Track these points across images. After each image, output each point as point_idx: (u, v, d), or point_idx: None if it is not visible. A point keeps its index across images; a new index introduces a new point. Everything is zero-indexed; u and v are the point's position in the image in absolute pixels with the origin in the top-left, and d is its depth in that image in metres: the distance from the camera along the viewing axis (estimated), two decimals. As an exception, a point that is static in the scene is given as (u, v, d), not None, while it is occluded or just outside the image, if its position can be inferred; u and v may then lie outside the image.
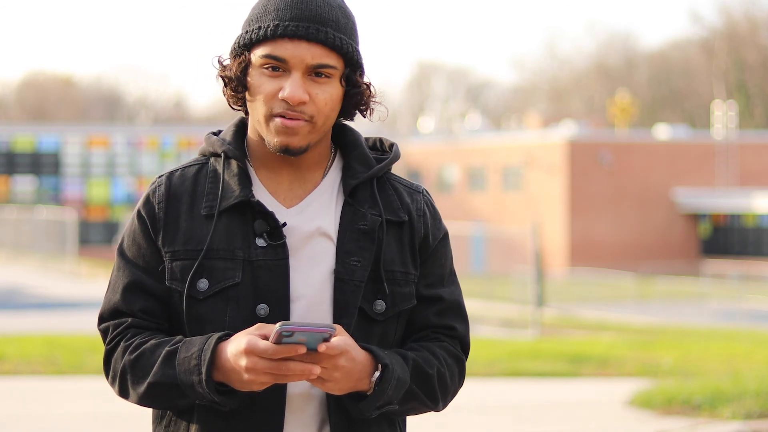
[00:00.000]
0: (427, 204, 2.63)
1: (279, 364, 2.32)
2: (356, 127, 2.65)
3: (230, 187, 2.52)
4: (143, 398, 2.49)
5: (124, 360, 2.49)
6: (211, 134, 2.63)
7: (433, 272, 2.60)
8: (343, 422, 2.50)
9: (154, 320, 2.53)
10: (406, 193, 2.62)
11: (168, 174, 2.59)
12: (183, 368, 2.41)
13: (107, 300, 2.57)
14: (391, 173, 2.64)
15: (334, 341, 2.33)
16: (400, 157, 2.64)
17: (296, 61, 2.44)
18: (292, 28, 2.43)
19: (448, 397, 2.59)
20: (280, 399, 2.47)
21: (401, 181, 2.64)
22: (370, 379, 2.42)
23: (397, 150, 2.64)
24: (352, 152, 2.59)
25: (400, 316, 2.56)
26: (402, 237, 2.57)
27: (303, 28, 2.43)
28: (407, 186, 2.64)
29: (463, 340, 2.63)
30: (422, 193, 2.64)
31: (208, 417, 2.49)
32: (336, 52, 2.46)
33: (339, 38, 2.45)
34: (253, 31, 2.47)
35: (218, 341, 2.40)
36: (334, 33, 2.45)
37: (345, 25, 2.48)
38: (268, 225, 2.49)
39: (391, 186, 2.61)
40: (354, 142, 2.60)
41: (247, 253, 2.49)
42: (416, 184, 2.66)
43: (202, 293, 2.48)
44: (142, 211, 2.55)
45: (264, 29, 2.45)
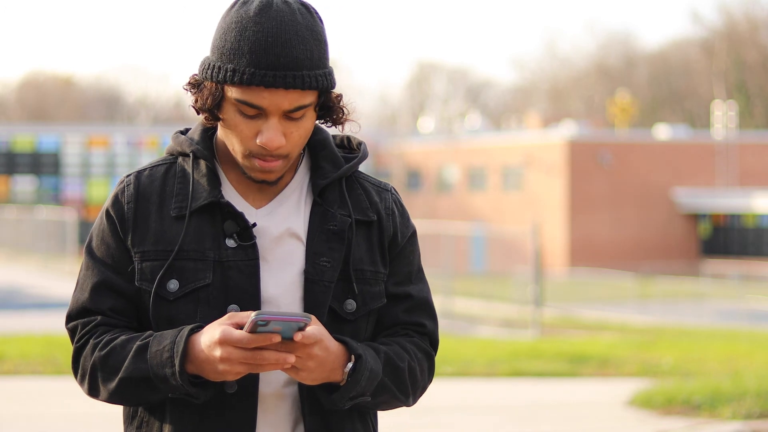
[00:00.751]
0: (395, 202, 2.63)
1: (254, 354, 2.32)
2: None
3: (200, 187, 2.52)
4: (114, 395, 2.47)
5: (93, 357, 2.48)
6: (178, 133, 2.63)
7: (401, 270, 2.60)
8: (317, 421, 2.50)
9: (124, 319, 2.53)
10: (375, 192, 2.62)
11: (136, 173, 2.58)
12: (155, 361, 2.40)
13: (75, 299, 2.55)
14: (359, 172, 2.64)
15: (309, 330, 2.34)
16: (367, 156, 2.64)
17: (273, 108, 2.42)
18: (269, 78, 2.39)
19: (418, 392, 2.59)
20: (252, 399, 2.47)
21: (369, 180, 2.64)
22: (343, 370, 2.43)
23: (365, 149, 2.64)
24: (321, 152, 2.58)
25: (370, 314, 2.56)
26: (371, 236, 2.57)
27: (280, 77, 2.39)
28: (375, 185, 2.64)
29: (432, 336, 2.63)
30: (390, 192, 2.64)
31: (182, 416, 2.49)
32: (312, 90, 2.44)
33: (314, 77, 2.43)
34: (227, 72, 2.42)
35: (190, 333, 2.40)
36: (309, 73, 2.42)
37: (318, 53, 2.44)
38: (237, 226, 2.49)
39: (359, 185, 2.61)
40: (323, 141, 2.59)
41: (217, 254, 2.48)
42: (384, 183, 2.66)
43: (172, 294, 2.48)
44: (111, 211, 2.54)
45: (239, 74, 2.40)
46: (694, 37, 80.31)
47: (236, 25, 2.44)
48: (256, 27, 2.41)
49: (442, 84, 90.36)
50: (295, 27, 2.42)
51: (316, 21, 2.47)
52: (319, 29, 2.47)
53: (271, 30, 2.41)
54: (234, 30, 2.44)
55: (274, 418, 2.50)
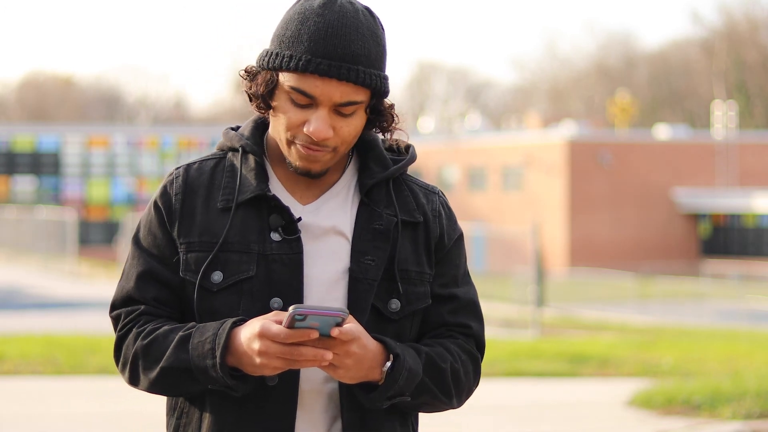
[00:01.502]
0: (442, 205, 2.65)
1: (291, 349, 2.33)
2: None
3: (247, 181, 2.54)
4: (154, 384, 2.49)
5: (136, 345, 2.50)
6: (229, 129, 2.64)
7: (448, 272, 2.61)
8: (355, 419, 2.50)
9: (167, 309, 2.55)
10: (422, 194, 2.63)
11: (185, 166, 2.61)
12: (197, 352, 2.42)
13: (120, 288, 2.58)
14: (408, 175, 2.65)
15: (347, 327, 2.35)
16: (416, 158, 2.65)
17: (324, 99, 2.44)
18: (324, 66, 2.42)
19: (463, 394, 2.59)
20: (292, 393, 2.48)
21: (417, 182, 2.66)
22: (381, 369, 2.43)
23: (413, 151, 2.65)
24: (369, 153, 2.60)
25: (414, 315, 2.57)
26: (417, 237, 2.58)
27: (335, 67, 2.42)
28: (423, 187, 2.65)
29: (479, 338, 2.63)
30: (438, 194, 2.66)
31: (221, 408, 2.50)
32: (365, 87, 2.46)
33: (369, 75, 2.45)
34: (284, 58, 2.45)
35: (233, 326, 2.42)
36: (365, 70, 2.45)
37: (376, 54, 2.48)
38: (283, 219, 2.51)
39: (407, 187, 2.62)
40: (371, 143, 2.61)
41: (261, 247, 2.50)
42: (432, 186, 2.67)
43: (216, 285, 2.49)
44: (159, 202, 2.56)
45: (295, 61, 2.43)
46: (694, 37, 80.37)
47: (299, 16, 2.48)
48: (317, 18, 2.45)
49: (442, 84, 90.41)
50: (356, 24, 2.46)
51: (378, 26, 2.52)
52: (380, 34, 2.52)
53: (332, 22, 2.45)
54: (296, 20, 2.48)
55: (312, 414, 2.51)
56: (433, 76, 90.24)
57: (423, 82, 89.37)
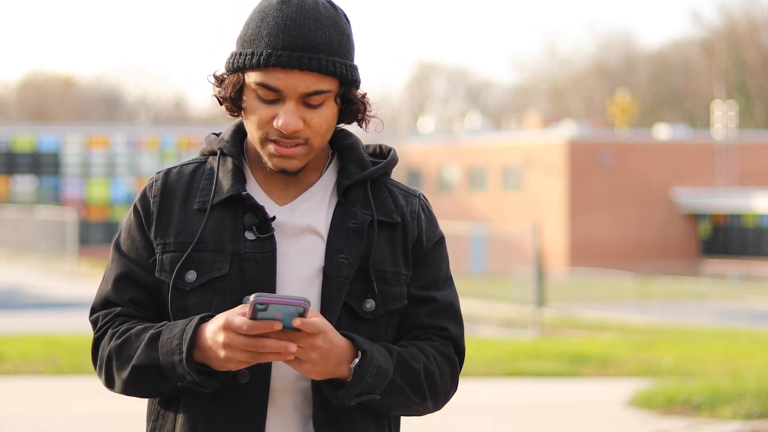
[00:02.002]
0: (422, 207, 2.64)
1: (255, 341, 2.33)
2: (358, 129, 2.66)
3: (223, 182, 2.56)
4: (127, 384, 2.50)
5: (110, 346, 2.52)
6: (211, 134, 2.66)
7: (427, 275, 2.60)
8: (326, 417, 2.50)
9: (144, 311, 2.56)
10: (402, 196, 2.63)
11: (166, 170, 2.63)
12: (165, 349, 2.43)
13: (99, 291, 2.61)
14: (389, 178, 2.65)
15: (312, 320, 2.34)
16: (397, 161, 2.65)
17: (290, 91, 2.45)
18: (284, 58, 2.43)
19: (440, 397, 2.57)
20: (264, 391, 2.48)
21: (398, 185, 2.66)
22: (349, 366, 2.43)
23: (394, 154, 2.65)
24: (348, 154, 2.61)
25: (390, 316, 2.56)
26: (394, 238, 2.58)
27: (295, 58, 2.43)
28: (403, 190, 2.65)
29: (457, 342, 2.61)
30: (418, 197, 2.65)
31: (193, 408, 2.51)
32: (330, 76, 2.47)
33: (332, 62, 2.46)
34: (246, 56, 2.47)
35: (200, 322, 2.43)
36: (327, 58, 2.46)
37: (339, 43, 2.48)
38: (257, 218, 2.52)
39: (386, 189, 2.62)
40: (351, 145, 2.62)
41: (235, 246, 2.51)
42: (413, 189, 2.67)
43: (189, 284, 2.51)
44: (138, 205, 2.60)
45: (257, 56, 2.46)
46: (694, 37, 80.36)
47: (258, 15, 2.51)
48: (276, 14, 2.48)
49: (442, 84, 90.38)
50: (315, 15, 2.48)
51: (340, 16, 2.53)
52: (343, 24, 2.52)
53: (290, 15, 2.47)
54: (256, 19, 2.51)
55: (284, 412, 2.51)
56: (433, 76, 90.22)
57: (423, 82, 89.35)
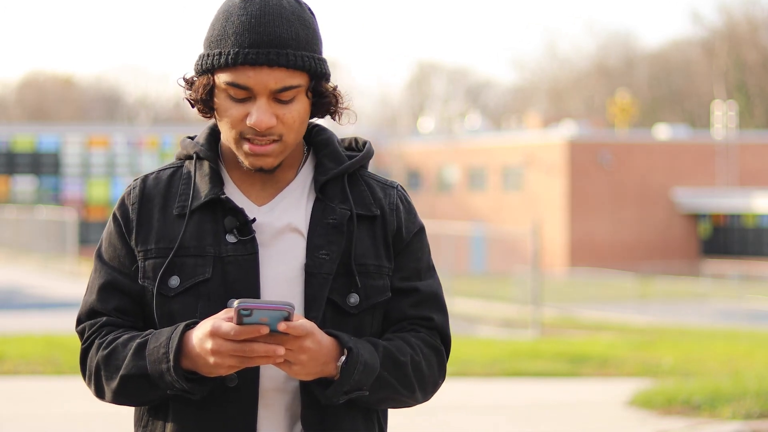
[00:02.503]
0: (401, 198, 2.64)
1: (243, 346, 2.33)
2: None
3: (201, 186, 2.55)
4: (116, 394, 2.50)
5: (98, 356, 2.51)
6: (186, 138, 2.67)
7: (408, 265, 2.60)
8: (315, 416, 2.50)
9: (129, 319, 2.56)
10: (379, 188, 2.63)
11: (143, 177, 2.63)
12: (152, 358, 2.43)
13: (84, 301, 2.60)
14: (366, 171, 2.66)
15: (299, 322, 2.35)
16: (373, 154, 2.65)
17: (260, 88, 2.45)
18: (252, 56, 2.43)
19: (428, 388, 2.58)
20: (253, 393, 2.48)
21: (375, 178, 2.66)
22: (336, 364, 2.43)
23: (369, 147, 2.65)
24: (323, 150, 2.61)
25: (375, 309, 2.56)
26: (374, 231, 2.58)
27: (263, 54, 2.43)
28: (381, 182, 2.65)
29: (442, 330, 2.62)
30: (396, 189, 2.65)
31: (183, 414, 2.50)
32: (299, 70, 2.47)
33: (300, 57, 2.46)
34: (214, 56, 2.47)
35: (186, 329, 2.43)
36: (295, 53, 2.45)
37: (305, 37, 2.48)
38: (237, 221, 2.52)
39: (363, 182, 2.62)
40: (326, 140, 2.62)
41: (217, 250, 2.51)
42: (390, 180, 2.67)
43: (173, 290, 2.50)
44: (117, 213, 2.59)
45: (224, 56, 2.46)
46: (694, 37, 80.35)
47: (223, 15, 2.51)
48: (240, 12, 2.48)
49: (442, 84, 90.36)
50: (279, 11, 2.48)
51: (305, 10, 2.52)
52: (308, 18, 2.51)
53: (254, 12, 2.47)
54: (221, 19, 2.51)
55: (274, 413, 2.51)
56: (433, 76, 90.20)
57: (423, 82, 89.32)
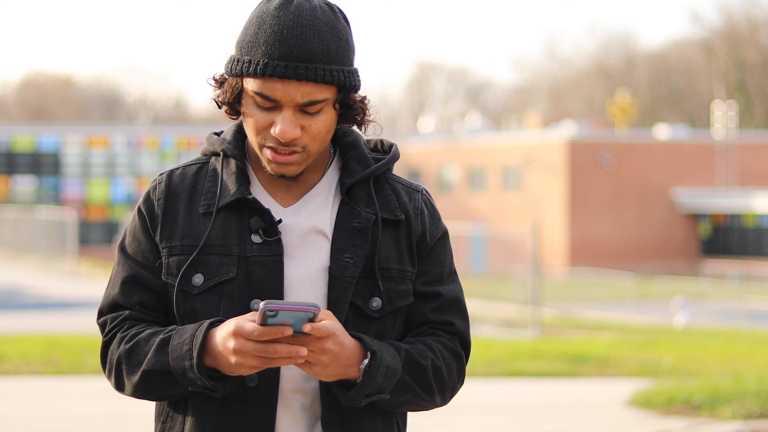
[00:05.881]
0: (425, 203, 2.63)
1: (266, 346, 2.33)
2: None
3: (228, 185, 2.55)
4: (137, 388, 2.50)
5: (119, 350, 2.52)
6: (212, 134, 2.65)
7: (431, 270, 2.61)
8: (335, 417, 2.50)
9: (152, 313, 2.56)
10: (405, 192, 2.63)
11: (169, 172, 2.62)
12: (175, 354, 2.43)
13: (106, 294, 2.60)
14: (391, 174, 2.65)
15: (322, 324, 2.35)
16: (399, 157, 2.65)
17: (286, 100, 2.44)
18: (281, 68, 2.42)
19: (447, 392, 2.58)
20: (273, 393, 2.48)
21: (400, 181, 2.65)
22: (359, 367, 2.43)
23: (395, 150, 2.65)
24: (350, 152, 2.60)
25: (397, 313, 2.56)
26: (399, 235, 2.58)
27: (292, 68, 2.42)
28: (406, 185, 2.64)
29: (463, 336, 2.62)
30: (421, 193, 2.65)
31: (202, 411, 2.51)
32: (327, 84, 2.45)
33: (329, 71, 2.44)
34: (244, 63, 2.46)
35: (210, 327, 2.43)
36: (324, 67, 2.43)
37: (336, 49, 2.46)
38: (263, 222, 2.51)
39: (389, 185, 2.62)
40: (353, 142, 2.61)
41: (242, 249, 2.51)
42: (416, 184, 2.66)
43: (196, 288, 2.50)
44: (142, 208, 2.58)
45: (254, 65, 2.44)
46: (694, 37, 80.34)
47: (256, 20, 2.48)
48: (273, 20, 2.45)
49: (442, 84, 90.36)
50: (313, 22, 2.45)
51: (339, 20, 2.50)
52: (341, 28, 2.50)
53: (287, 23, 2.45)
54: (254, 24, 2.48)
55: (293, 413, 2.51)
56: (433, 76, 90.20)
57: (423, 82, 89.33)
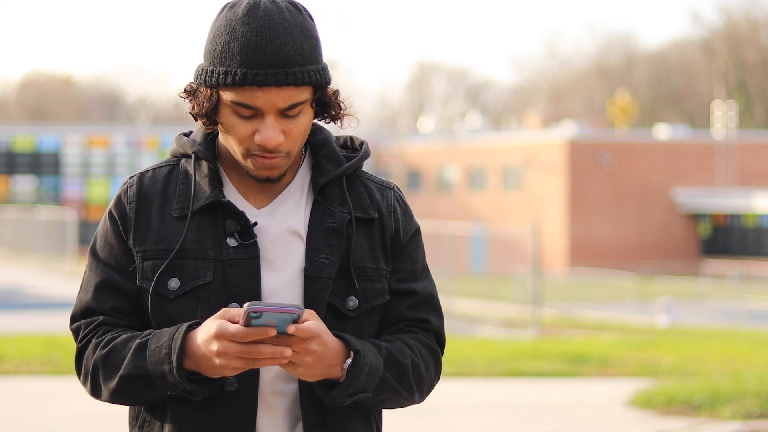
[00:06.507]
0: (397, 200, 2.64)
1: (250, 348, 2.32)
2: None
3: (201, 188, 2.53)
4: (115, 394, 2.48)
5: (95, 356, 2.49)
6: (181, 135, 2.63)
7: (404, 267, 2.61)
8: (316, 419, 2.50)
9: (126, 318, 2.54)
10: (377, 189, 2.62)
11: (139, 175, 2.60)
12: (154, 358, 2.41)
13: (79, 300, 2.57)
14: (362, 171, 2.65)
15: (306, 324, 2.34)
16: (369, 154, 2.64)
17: (268, 107, 2.43)
18: (260, 77, 2.40)
19: (425, 389, 2.58)
20: (252, 396, 2.47)
21: (372, 178, 2.65)
22: (342, 366, 2.43)
23: (366, 148, 2.65)
24: (322, 151, 2.60)
25: (373, 311, 2.56)
26: (372, 233, 2.58)
27: (272, 75, 2.40)
28: (377, 183, 2.64)
29: (438, 332, 2.63)
30: (393, 189, 2.65)
31: (181, 415, 2.49)
32: (306, 86, 2.45)
33: (307, 73, 2.44)
34: (220, 74, 2.43)
35: (188, 329, 2.41)
36: (302, 69, 2.43)
37: (309, 49, 2.45)
38: (239, 225, 2.50)
39: (361, 183, 2.62)
40: (323, 140, 2.61)
41: (218, 253, 2.49)
42: (387, 181, 2.66)
43: (173, 292, 2.49)
44: (114, 212, 2.56)
45: (231, 76, 2.42)
46: (694, 37, 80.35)
47: (225, 29, 2.46)
48: (244, 28, 2.43)
49: (442, 84, 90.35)
50: (284, 25, 2.43)
51: (306, 18, 2.49)
52: (309, 26, 2.48)
53: (259, 29, 2.42)
54: (224, 33, 2.46)
55: (274, 416, 2.50)
56: (433, 76, 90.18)
57: (423, 82, 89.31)
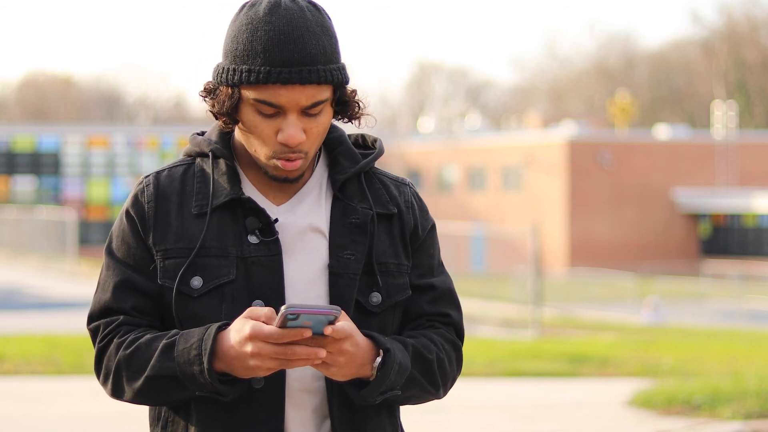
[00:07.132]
0: (414, 196, 2.66)
1: (285, 349, 2.32)
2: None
3: (220, 185, 2.53)
4: (139, 394, 2.47)
5: (118, 356, 2.47)
6: (196, 135, 2.63)
7: (423, 262, 2.62)
8: (345, 416, 2.50)
9: (147, 318, 2.52)
10: (393, 186, 2.64)
11: (155, 174, 2.59)
12: (183, 359, 2.40)
13: (97, 299, 2.55)
14: (376, 168, 2.66)
15: (340, 325, 2.35)
16: (384, 152, 2.66)
17: (291, 105, 2.43)
18: (285, 74, 2.41)
19: (448, 384, 2.61)
20: (280, 394, 2.47)
21: (387, 175, 2.67)
22: (372, 365, 2.43)
23: (381, 145, 2.66)
24: (338, 148, 2.61)
25: (396, 307, 2.57)
26: (392, 229, 2.59)
27: (296, 73, 2.42)
28: (393, 179, 2.66)
29: (458, 326, 2.65)
30: (408, 186, 2.67)
31: (208, 414, 2.48)
32: (328, 84, 2.46)
33: (329, 71, 2.45)
34: (242, 73, 2.44)
35: (218, 330, 2.41)
36: (324, 67, 2.45)
37: (330, 48, 2.47)
38: (260, 222, 2.50)
39: (377, 180, 2.63)
40: (339, 138, 2.62)
41: (239, 250, 2.49)
42: (402, 177, 2.68)
43: (196, 291, 2.48)
44: (131, 211, 2.54)
45: (255, 74, 2.43)
46: (694, 37, 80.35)
47: (247, 27, 2.46)
48: (267, 26, 2.44)
49: (442, 84, 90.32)
50: (305, 23, 2.45)
51: (325, 17, 2.50)
52: (329, 25, 2.50)
53: (282, 28, 2.43)
54: (245, 32, 2.46)
55: (301, 414, 2.50)
56: (433, 76, 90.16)
57: (423, 82, 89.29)
